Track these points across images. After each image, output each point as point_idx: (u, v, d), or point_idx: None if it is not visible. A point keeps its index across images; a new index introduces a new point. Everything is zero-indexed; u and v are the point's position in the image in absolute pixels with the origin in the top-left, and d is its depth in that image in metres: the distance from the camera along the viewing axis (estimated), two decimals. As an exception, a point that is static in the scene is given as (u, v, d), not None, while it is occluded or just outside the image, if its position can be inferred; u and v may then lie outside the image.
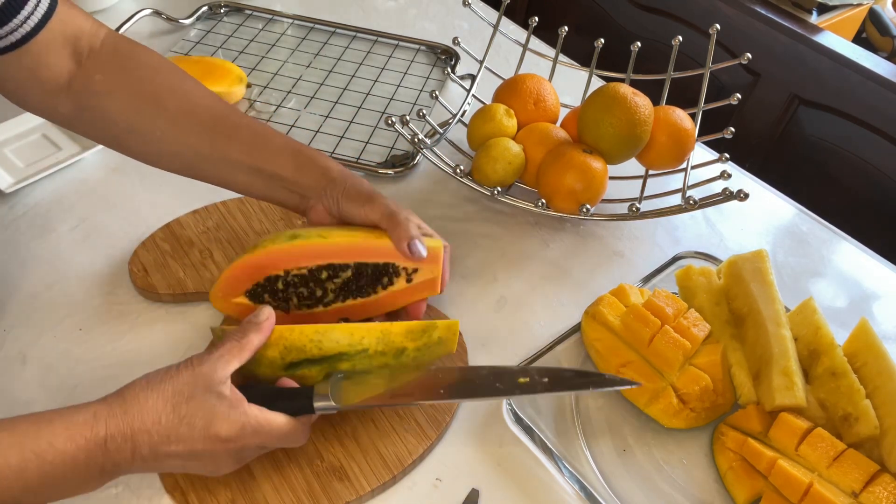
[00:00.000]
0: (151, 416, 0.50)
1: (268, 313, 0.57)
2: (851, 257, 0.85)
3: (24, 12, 0.57)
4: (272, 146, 0.65)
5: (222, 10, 1.12)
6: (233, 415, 0.51)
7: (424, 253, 0.62)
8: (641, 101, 0.78)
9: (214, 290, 0.63)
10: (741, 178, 0.93)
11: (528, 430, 0.62)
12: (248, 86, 0.96)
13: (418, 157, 0.89)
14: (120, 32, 0.98)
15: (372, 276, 0.64)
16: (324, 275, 0.63)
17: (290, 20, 1.12)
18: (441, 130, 0.86)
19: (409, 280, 0.65)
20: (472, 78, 0.94)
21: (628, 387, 0.57)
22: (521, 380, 0.57)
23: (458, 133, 0.91)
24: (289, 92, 0.98)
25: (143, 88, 0.63)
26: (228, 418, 0.51)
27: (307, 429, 0.57)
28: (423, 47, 1.09)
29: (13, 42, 0.58)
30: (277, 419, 0.54)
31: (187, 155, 0.65)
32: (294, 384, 0.57)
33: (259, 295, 0.63)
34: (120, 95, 0.63)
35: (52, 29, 0.60)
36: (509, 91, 0.86)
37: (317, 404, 0.55)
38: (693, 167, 0.83)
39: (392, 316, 0.66)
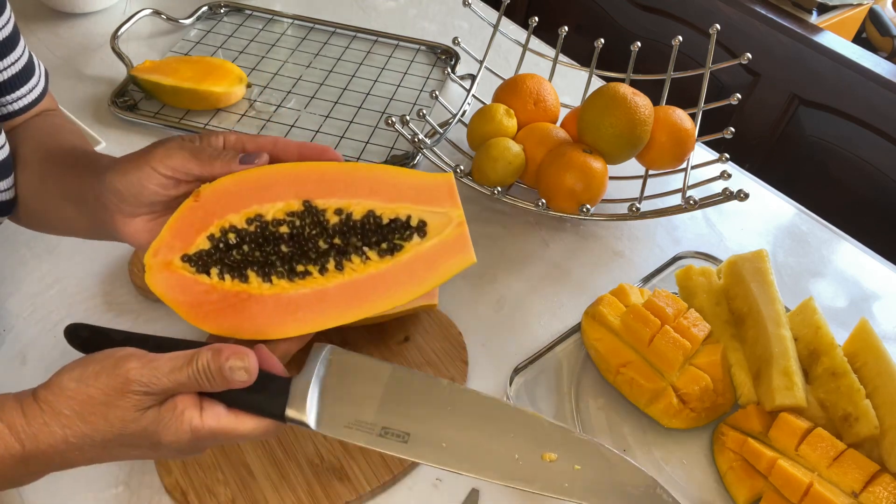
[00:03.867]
0: (76, 436, 0.44)
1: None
2: (851, 257, 0.85)
3: (31, 82, 0.61)
4: (78, 168, 0.54)
5: (222, 10, 1.12)
6: (181, 427, 0.43)
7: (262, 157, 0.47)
8: (641, 101, 0.78)
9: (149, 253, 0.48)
10: (741, 178, 0.93)
11: (528, 430, 0.62)
12: (248, 86, 0.96)
13: (418, 157, 0.89)
14: (119, 34, 0.98)
15: (379, 230, 0.47)
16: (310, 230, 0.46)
17: (290, 20, 1.12)
18: (441, 130, 0.86)
19: (423, 235, 0.46)
20: (472, 78, 0.94)
21: None
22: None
23: (458, 133, 0.91)
24: (289, 92, 0.98)
25: (18, 141, 0.60)
26: (177, 431, 0.43)
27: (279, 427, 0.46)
28: (423, 47, 1.09)
29: (19, 108, 0.61)
30: (245, 426, 0.45)
31: (24, 197, 0.58)
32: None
33: (204, 262, 0.48)
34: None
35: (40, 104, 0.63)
36: (509, 91, 0.86)
37: (289, 412, 0.44)
38: (693, 167, 0.83)
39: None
